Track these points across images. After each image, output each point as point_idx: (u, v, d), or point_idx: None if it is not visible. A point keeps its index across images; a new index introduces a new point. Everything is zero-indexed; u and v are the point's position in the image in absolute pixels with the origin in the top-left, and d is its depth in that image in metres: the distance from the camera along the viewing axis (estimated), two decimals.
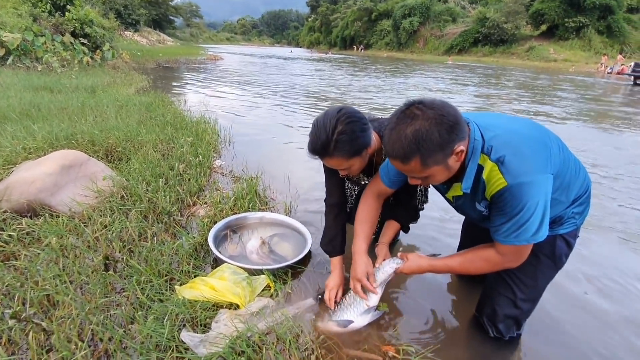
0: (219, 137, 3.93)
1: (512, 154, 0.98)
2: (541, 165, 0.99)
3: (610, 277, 1.86)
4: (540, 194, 0.98)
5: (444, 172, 1.02)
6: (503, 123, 1.09)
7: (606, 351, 1.39)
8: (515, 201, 0.98)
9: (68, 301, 1.33)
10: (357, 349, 1.29)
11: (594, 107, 8.13)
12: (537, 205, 0.98)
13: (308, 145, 1.26)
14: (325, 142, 1.20)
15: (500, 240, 1.07)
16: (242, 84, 9.46)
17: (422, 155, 0.95)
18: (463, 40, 34.95)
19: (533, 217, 0.99)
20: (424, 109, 0.94)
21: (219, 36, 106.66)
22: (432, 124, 0.92)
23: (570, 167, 1.10)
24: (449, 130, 0.93)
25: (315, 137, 1.22)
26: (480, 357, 1.36)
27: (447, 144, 0.94)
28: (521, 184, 0.97)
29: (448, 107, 0.96)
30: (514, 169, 0.97)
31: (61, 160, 2.16)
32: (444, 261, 1.23)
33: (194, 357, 1.15)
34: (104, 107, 4.25)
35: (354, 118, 1.22)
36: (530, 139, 1.03)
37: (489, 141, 1.02)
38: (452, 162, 1.00)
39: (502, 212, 1.03)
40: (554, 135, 1.12)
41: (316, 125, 1.23)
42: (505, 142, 1.01)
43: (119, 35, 20.42)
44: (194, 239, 1.85)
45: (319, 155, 1.26)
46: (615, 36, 28.02)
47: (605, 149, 4.49)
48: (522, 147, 1.00)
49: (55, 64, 7.66)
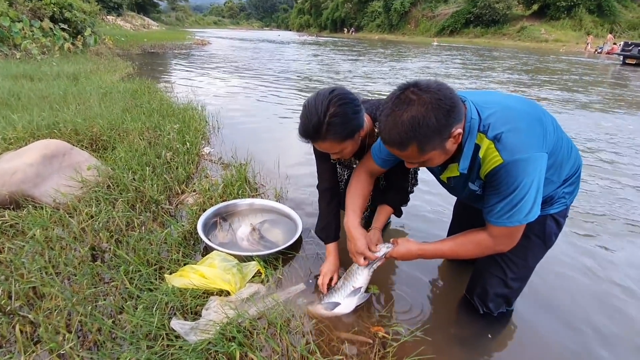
0: (207, 123, 3.86)
1: (509, 130, 0.96)
2: (537, 143, 0.97)
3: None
4: (535, 172, 0.96)
5: (441, 155, 1.01)
6: (499, 100, 1.07)
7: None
8: (510, 178, 0.97)
9: (55, 293, 1.31)
10: (347, 331, 1.30)
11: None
12: (531, 183, 0.97)
13: (299, 129, 1.22)
14: (317, 124, 1.15)
15: (493, 222, 1.06)
16: (231, 69, 9.25)
17: (419, 141, 0.92)
18: (455, 21, 34.51)
19: (527, 195, 0.98)
20: (420, 93, 0.90)
21: (205, 20, 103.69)
22: (429, 109, 0.89)
23: (564, 147, 1.10)
24: (446, 115, 0.90)
25: (307, 119, 1.17)
26: (471, 333, 1.39)
27: (445, 128, 0.92)
28: (517, 160, 0.95)
29: (444, 89, 0.92)
30: (511, 145, 0.95)
31: (43, 150, 2.10)
32: (435, 246, 1.21)
33: (184, 344, 1.15)
34: (87, 95, 4.12)
35: (347, 99, 1.18)
36: (527, 115, 1.01)
37: (485, 119, 1.00)
38: (449, 145, 0.98)
39: (496, 191, 1.02)
40: (548, 114, 1.11)
41: (307, 107, 1.18)
42: (502, 119, 0.99)
43: (101, 20, 19.73)
44: (183, 227, 1.83)
45: (310, 139, 1.22)
46: (605, 15, 27.90)
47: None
48: (519, 123, 0.98)
49: (34, 50, 7.36)
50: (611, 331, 1.42)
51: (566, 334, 1.40)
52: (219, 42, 22.14)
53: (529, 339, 1.37)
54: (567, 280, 1.71)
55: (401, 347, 1.23)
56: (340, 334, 1.29)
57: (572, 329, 1.42)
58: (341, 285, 1.38)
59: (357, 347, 1.25)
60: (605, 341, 1.37)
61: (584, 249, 1.96)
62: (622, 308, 1.55)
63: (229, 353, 1.13)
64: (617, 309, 1.54)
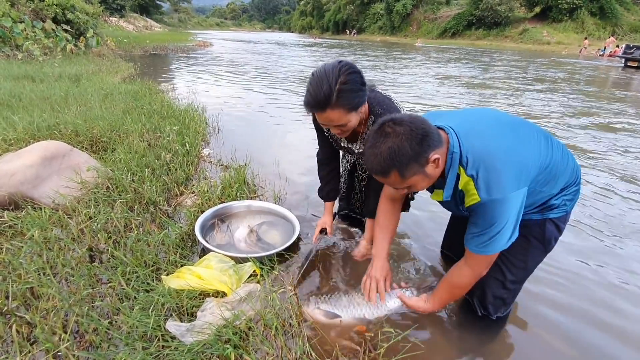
0: (207, 125, 3.87)
1: (485, 170, 1.03)
2: (513, 182, 1.02)
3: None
4: (511, 210, 1.03)
5: (424, 179, 1.08)
6: (482, 129, 1.11)
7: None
8: (487, 215, 1.05)
9: (52, 293, 1.32)
10: (339, 334, 1.31)
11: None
12: (507, 219, 1.04)
13: (306, 99, 1.21)
14: (328, 92, 1.16)
15: (471, 249, 1.14)
16: (232, 72, 9.28)
17: (398, 168, 1.01)
18: (457, 23, 34.53)
19: (504, 229, 1.05)
20: (394, 126, 1.01)
21: (208, 21, 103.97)
22: (403, 139, 0.99)
23: (557, 160, 1.14)
24: (419, 143, 0.99)
25: (317, 87, 1.17)
26: (469, 335, 1.39)
27: (420, 155, 1.00)
28: (494, 200, 1.02)
29: (417, 121, 1.02)
30: (487, 185, 1.02)
31: (42, 151, 2.11)
32: (439, 297, 1.32)
33: (180, 346, 1.15)
34: (88, 96, 4.14)
35: (355, 70, 1.22)
36: (505, 152, 1.05)
37: (465, 152, 1.06)
38: (430, 170, 1.05)
39: (475, 224, 1.10)
40: (537, 132, 1.15)
41: (316, 76, 1.19)
42: (480, 157, 1.04)
43: (104, 21, 19.81)
44: (181, 228, 1.83)
45: (319, 108, 1.21)
46: (607, 18, 27.87)
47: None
48: (496, 163, 1.03)
49: (36, 51, 7.39)
50: (611, 332, 1.42)
51: (565, 335, 1.39)
52: (221, 44, 22.21)
53: (527, 339, 1.37)
54: (566, 281, 1.70)
55: (394, 349, 1.23)
56: (333, 336, 1.29)
57: (571, 330, 1.42)
58: (351, 302, 1.39)
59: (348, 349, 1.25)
60: (606, 341, 1.37)
61: (584, 249, 1.96)
62: (622, 309, 1.54)
63: (225, 356, 1.13)
64: (618, 310, 1.54)
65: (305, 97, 1.23)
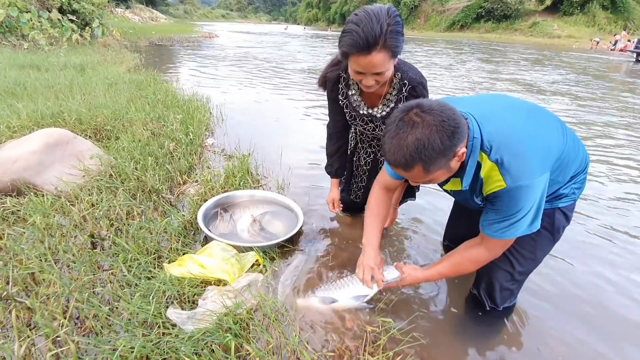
0: (211, 115, 3.84)
1: (511, 155, 0.96)
2: (539, 167, 0.98)
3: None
4: (537, 195, 0.98)
5: (445, 174, 1.02)
6: (501, 113, 1.06)
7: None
8: (512, 202, 1.00)
9: (53, 280, 1.31)
10: (339, 325, 1.28)
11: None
12: (532, 205, 1.00)
13: (353, 39, 1.13)
14: (379, 31, 1.10)
15: (490, 234, 1.09)
16: (237, 62, 9.22)
17: (424, 163, 0.92)
18: (465, 16, 33.99)
19: (527, 215, 1.01)
20: (423, 115, 0.90)
21: (214, 13, 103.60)
22: (433, 130, 0.88)
23: (570, 147, 1.10)
24: (450, 136, 0.89)
25: (366, 27, 1.10)
26: (476, 329, 1.37)
27: (449, 149, 0.91)
28: (520, 187, 0.96)
29: (447, 110, 0.91)
30: (515, 171, 0.96)
31: (45, 138, 2.09)
32: (437, 269, 1.25)
33: (180, 333, 1.14)
34: (93, 85, 4.12)
35: (399, 14, 1.17)
36: (529, 137, 1.00)
37: (487, 137, 0.99)
38: (454, 163, 0.98)
39: (497, 210, 1.05)
40: (553, 119, 1.10)
41: (363, 17, 1.12)
42: (505, 142, 0.98)
43: (110, 12, 19.79)
44: (184, 217, 1.81)
45: (365, 50, 1.14)
46: (619, 12, 27.28)
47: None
48: (521, 147, 0.98)
49: (42, 41, 7.39)
50: (616, 328, 1.39)
51: (571, 329, 1.36)
52: (226, 36, 22.08)
53: (534, 334, 1.34)
54: (573, 276, 1.67)
55: (397, 343, 1.20)
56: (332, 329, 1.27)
57: (577, 324, 1.39)
58: (345, 284, 1.36)
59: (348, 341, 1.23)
60: (609, 337, 1.34)
61: (590, 243, 1.91)
62: (629, 304, 1.51)
63: (225, 344, 1.11)
64: (624, 305, 1.50)
65: (347, 38, 1.15)
